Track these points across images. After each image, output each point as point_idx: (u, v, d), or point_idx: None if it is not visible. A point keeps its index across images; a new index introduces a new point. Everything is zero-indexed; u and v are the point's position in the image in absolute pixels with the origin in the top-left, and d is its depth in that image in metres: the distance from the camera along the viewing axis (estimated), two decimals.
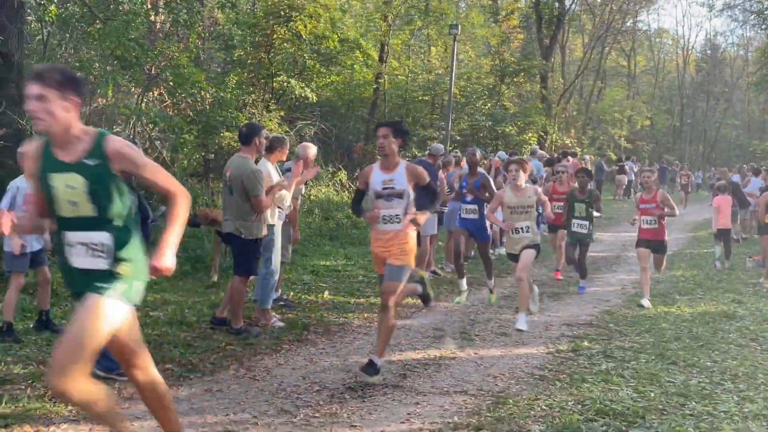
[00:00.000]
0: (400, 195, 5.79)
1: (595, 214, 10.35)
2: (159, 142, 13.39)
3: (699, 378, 6.20)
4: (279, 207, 7.45)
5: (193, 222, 9.63)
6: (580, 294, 10.13)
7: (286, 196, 7.43)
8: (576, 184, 10.61)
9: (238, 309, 7.01)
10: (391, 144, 5.77)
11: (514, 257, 8.08)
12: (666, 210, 9.28)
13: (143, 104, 12.49)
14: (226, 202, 7.03)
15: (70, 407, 4.87)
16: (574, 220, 10.23)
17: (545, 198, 8.29)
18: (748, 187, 17.38)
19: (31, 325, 6.95)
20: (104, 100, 12.94)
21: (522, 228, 7.96)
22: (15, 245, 6.48)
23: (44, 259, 6.91)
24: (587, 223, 10.15)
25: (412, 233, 5.89)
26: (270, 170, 7.28)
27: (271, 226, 7.28)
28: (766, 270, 11.63)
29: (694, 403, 5.52)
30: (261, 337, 6.91)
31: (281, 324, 7.43)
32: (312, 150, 8.11)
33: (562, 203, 10.83)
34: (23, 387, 5.19)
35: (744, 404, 5.54)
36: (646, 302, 9.27)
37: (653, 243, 9.44)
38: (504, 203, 8.10)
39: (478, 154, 9.76)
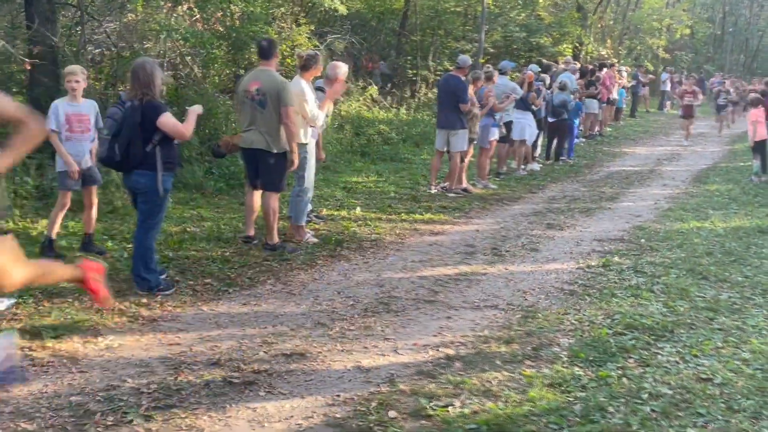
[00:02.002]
0: None
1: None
2: (190, 57, 13.34)
3: (729, 293, 6.25)
4: (311, 125, 7.48)
5: (216, 153, 9.65)
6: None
7: (319, 115, 7.44)
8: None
9: (272, 225, 7.15)
10: None
11: None
12: None
13: (172, 19, 12.39)
14: (254, 118, 6.97)
15: (116, 319, 5.10)
16: None
17: None
18: None
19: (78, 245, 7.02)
20: (134, 16, 12.86)
21: None
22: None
23: (95, 178, 6.75)
24: None
25: None
26: (305, 88, 7.29)
27: (304, 145, 7.34)
28: None
29: (723, 318, 5.59)
30: (296, 253, 7.08)
31: (315, 240, 7.58)
32: (342, 69, 8.05)
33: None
34: (71, 300, 5.41)
35: None
36: None
37: None
38: None
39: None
